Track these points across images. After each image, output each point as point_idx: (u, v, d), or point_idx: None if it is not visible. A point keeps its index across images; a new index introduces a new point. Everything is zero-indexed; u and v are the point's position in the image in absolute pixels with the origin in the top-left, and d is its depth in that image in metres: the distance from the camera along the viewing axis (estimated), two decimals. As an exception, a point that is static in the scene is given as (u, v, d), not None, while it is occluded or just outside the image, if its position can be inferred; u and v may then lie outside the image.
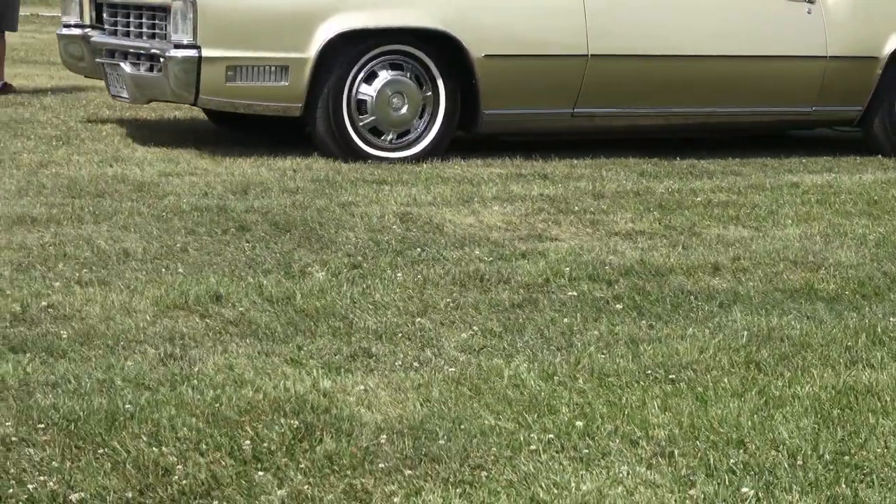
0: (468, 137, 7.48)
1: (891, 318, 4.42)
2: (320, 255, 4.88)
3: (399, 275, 4.69)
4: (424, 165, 7.00)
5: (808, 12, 7.58)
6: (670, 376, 3.73)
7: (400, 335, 4.04)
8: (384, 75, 6.88)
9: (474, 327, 4.16)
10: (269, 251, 4.87)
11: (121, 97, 7.13)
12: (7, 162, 6.47)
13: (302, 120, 7.00)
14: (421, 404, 3.41)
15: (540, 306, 4.43)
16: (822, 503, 2.89)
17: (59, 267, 4.54)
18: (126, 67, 6.86)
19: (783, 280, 4.90)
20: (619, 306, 4.45)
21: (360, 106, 6.88)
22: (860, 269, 5.09)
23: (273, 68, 6.72)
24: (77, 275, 4.45)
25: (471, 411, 3.38)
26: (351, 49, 6.86)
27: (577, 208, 6.03)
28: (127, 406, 3.26)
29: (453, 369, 3.72)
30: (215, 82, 6.66)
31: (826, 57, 7.59)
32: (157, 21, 6.94)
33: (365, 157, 6.80)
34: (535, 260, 4.99)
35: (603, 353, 3.94)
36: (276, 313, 4.16)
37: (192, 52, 6.56)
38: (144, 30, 7.04)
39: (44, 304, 4.16)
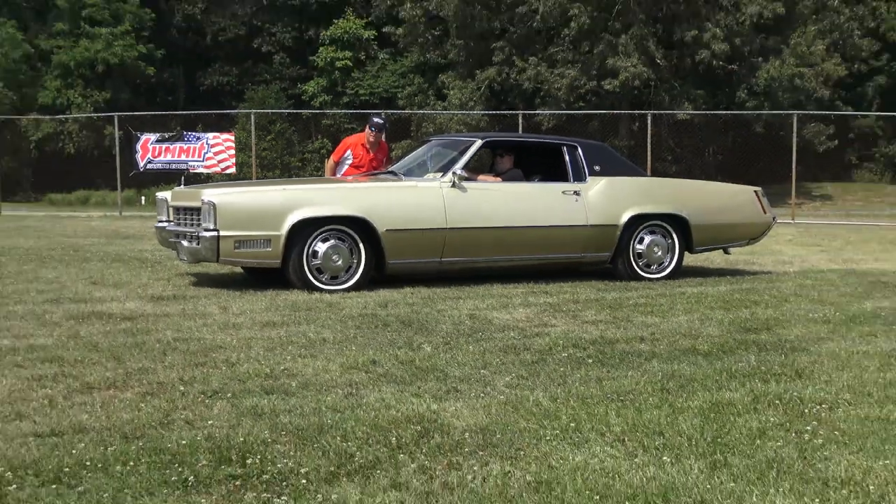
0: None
1: (738, 364, 4.90)
2: (427, 337, 5.57)
3: (470, 347, 5.29)
4: (481, 288, 7.83)
5: (576, 200, 8.65)
6: (620, 398, 4.19)
7: (473, 379, 4.49)
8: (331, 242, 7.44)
9: (512, 374, 4.63)
10: (400, 336, 5.58)
11: (183, 260, 7.95)
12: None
13: (280, 271, 7.52)
14: (485, 416, 3.80)
15: (547, 362, 4.94)
16: (706, 464, 3.23)
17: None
18: (184, 243, 7.68)
19: (679, 345, 5.48)
20: (590, 361, 4.95)
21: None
22: (721, 337, 5.69)
23: (262, 240, 7.62)
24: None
25: (512, 419, 3.74)
26: (312, 227, 7.48)
27: (564, 309, 6.71)
28: (331, 418, 3.63)
29: (502, 396, 4.15)
30: (228, 250, 7.60)
31: (587, 226, 8.64)
32: (197, 216, 7.69)
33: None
34: (543, 337, 5.59)
35: (582, 386, 4.39)
36: (406, 369, 4.75)
37: (214, 233, 7.38)
38: (193, 221, 7.76)
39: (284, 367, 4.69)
